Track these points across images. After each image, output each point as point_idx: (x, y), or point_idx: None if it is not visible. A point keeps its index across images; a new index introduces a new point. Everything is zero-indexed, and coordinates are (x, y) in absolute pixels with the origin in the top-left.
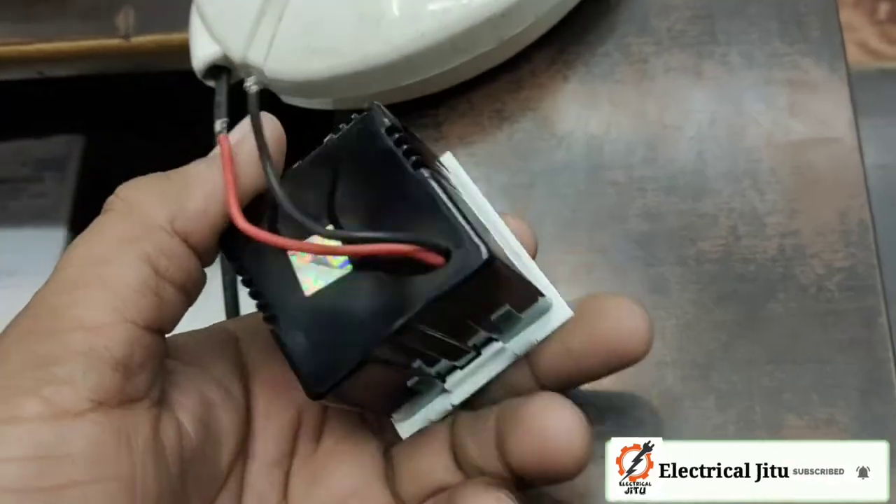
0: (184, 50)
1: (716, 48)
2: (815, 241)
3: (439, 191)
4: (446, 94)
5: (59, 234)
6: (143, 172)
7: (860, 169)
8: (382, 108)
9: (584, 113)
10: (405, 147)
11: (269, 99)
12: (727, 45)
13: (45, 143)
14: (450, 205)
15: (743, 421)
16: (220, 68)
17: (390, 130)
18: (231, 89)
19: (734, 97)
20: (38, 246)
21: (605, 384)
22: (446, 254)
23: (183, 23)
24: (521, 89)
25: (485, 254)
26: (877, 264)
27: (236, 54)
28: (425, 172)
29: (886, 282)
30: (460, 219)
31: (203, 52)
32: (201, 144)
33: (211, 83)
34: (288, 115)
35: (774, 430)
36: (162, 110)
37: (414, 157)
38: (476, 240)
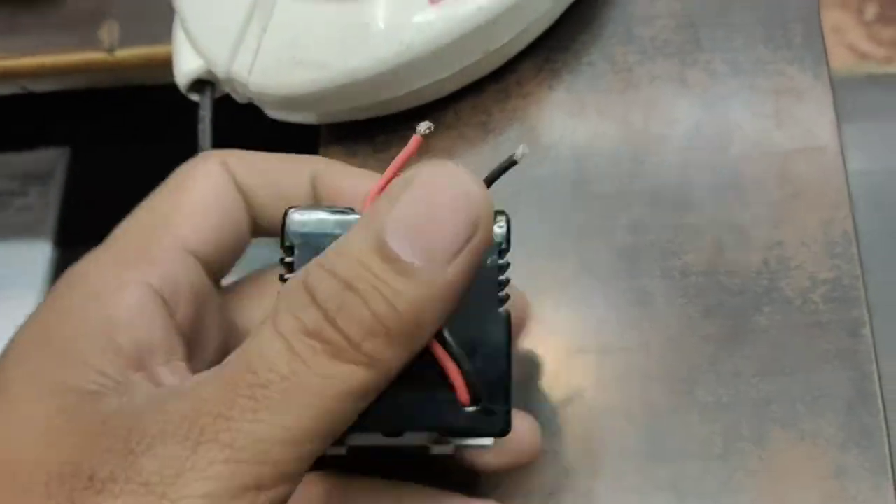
0: (168, 63)
1: (700, 56)
2: (800, 253)
3: (507, 340)
4: (433, 105)
5: (44, 247)
6: (129, 186)
7: (843, 179)
8: (510, 223)
9: (569, 123)
10: (503, 277)
11: (254, 113)
12: (711, 52)
13: (30, 157)
14: (509, 362)
15: (730, 433)
16: (203, 82)
17: (502, 252)
18: (215, 103)
19: (719, 105)
20: (23, 260)
21: (592, 400)
22: (475, 400)
23: (167, 36)
24: (508, 100)
25: (502, 429)
26: (861, 275)
27: (220, 68)
28: (503, 313)
29: (871, 288)
30: (510, 382)
31: (187, 66)
32: (185, 157)
33: (195, 97)
34: (273, 130)
35: (761, 443)
36: (147, 123)
37: (505, 292)
38: (505, 411)
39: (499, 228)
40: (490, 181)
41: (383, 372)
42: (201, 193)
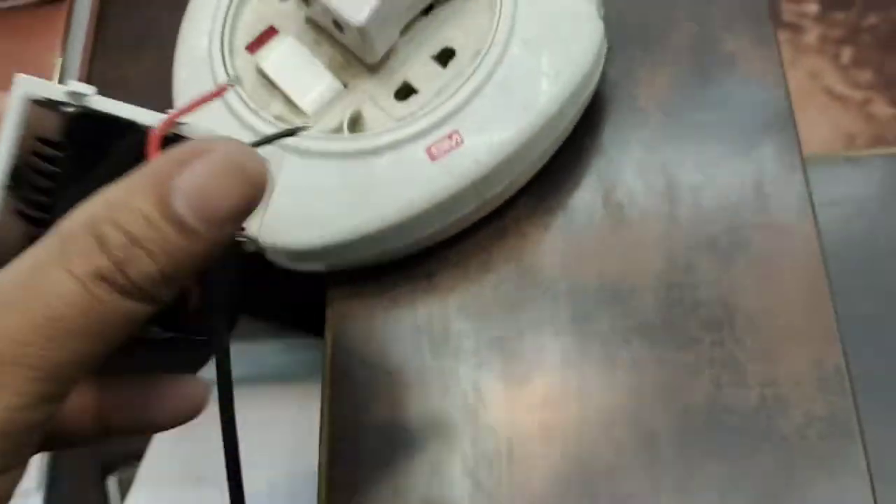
0: None
1: (686, 194)
2: (794, 390)
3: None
4: (436, 245)
5: None
6: None
7: (832, 317)
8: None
9: (566, 261)
10: None
11: (260, 259)
12: (698, 190)
13: None
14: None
15: None
16: None
17: None
18: None
19: (708, 243)
20: None
21: None
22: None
23: None
24: (506, 239)
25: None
26: (854, 411)
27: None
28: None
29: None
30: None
31: None
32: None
33: None
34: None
35: None
36: None
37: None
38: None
39: None
40: (261, 143)
41: (163, 301)
42: None
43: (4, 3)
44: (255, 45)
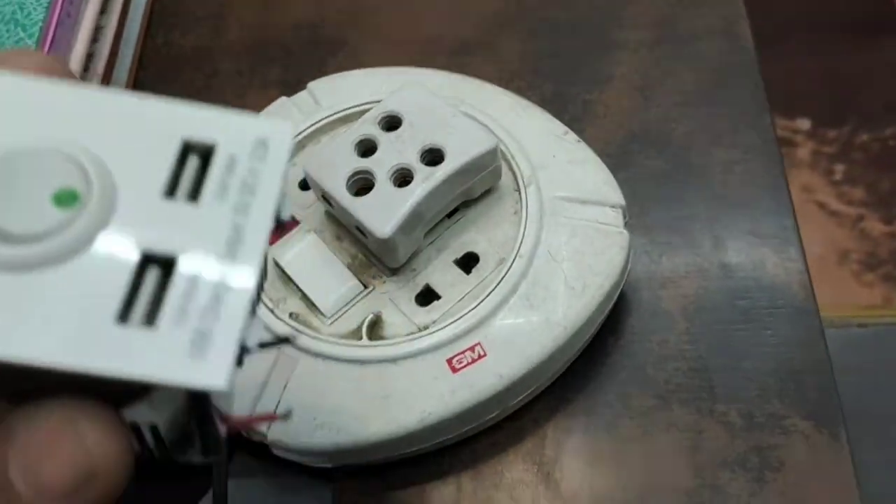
0: None
1: (714, 405)
2: None
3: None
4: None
5: None
6: None
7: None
8: None
9: (588, 470)
10: None
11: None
12: (726, 403)
13: None
14: None
15: None
16: None
17: None
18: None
19: (736, 461)
20: None
21: None
22: None
23: None
24: (523, 441)
25: None
26: None
27: (239, 420)
28: None
29: None
30: None
31: None
32: None
33: None
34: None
35: None
36: None
37: None
38: None
39: None
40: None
41: None
42: None
43: None
44: (275, 236)
